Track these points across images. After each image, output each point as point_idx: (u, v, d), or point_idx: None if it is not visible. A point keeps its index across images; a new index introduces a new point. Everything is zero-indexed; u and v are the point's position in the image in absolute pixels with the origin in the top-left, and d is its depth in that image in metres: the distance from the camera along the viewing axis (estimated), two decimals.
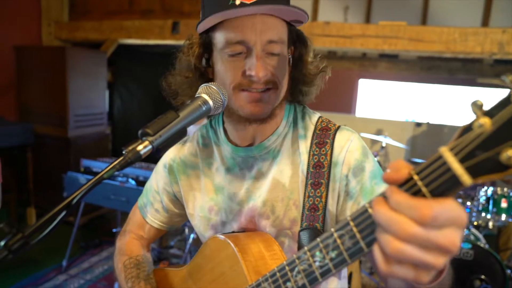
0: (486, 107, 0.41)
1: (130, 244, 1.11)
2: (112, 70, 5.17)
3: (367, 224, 0.52)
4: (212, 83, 0.83)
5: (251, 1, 0.79)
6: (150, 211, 1.12)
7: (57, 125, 4.30)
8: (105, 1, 4.81)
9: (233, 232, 0.97)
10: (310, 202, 0.88)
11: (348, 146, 0.89)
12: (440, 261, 0.44)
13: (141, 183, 3.14)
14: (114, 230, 3.69)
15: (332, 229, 0.58)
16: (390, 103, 6.26)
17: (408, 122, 5.82)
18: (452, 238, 0.43)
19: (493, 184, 3.92)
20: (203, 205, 1.02)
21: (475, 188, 3.83)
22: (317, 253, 0.60)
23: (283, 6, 0.81)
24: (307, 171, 0.90)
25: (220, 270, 0.87)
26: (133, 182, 3.15)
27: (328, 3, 6.79)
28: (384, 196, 0.48)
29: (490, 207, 3.36)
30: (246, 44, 0.83)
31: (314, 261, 0.60)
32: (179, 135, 0.73)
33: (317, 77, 0.95)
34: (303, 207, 0.89)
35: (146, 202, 1.13)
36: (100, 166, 3.36)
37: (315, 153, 0.91)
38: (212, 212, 1.01)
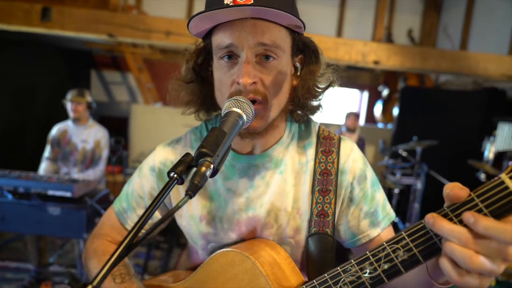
0: None
1: (108, 246, 1.01)
2: None
3: (424, 239, 0.61)
4: (239, 96, 0.79)
5: (243, 4, 0.75)
6: (131, 217, 1.02)
7: None
8: None
9: (235, 243, 0.95)
10: (319, 208, 0.91)
11: (353, 156, 0.94)
12: (502, 269, 0.54)
13: (21, 195, 2.69)
14: None
15: (384, 244, 0.65)
16: None
17: None
18: None
19: None
20: (194, 213, 0.97)
21: None
22: (367, 265, 0.67)
23: (272, 10, 0.74)
24: (314, 178, 0.92)
25: (235, 284, 0.86)
26: (9, 195, 2.68)
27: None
28: (449, 213, 0.58)
29: None
30: (235, 48, 0.80)
31: (364, 273, 0.67)
32: (228, 151, 0.70)
33: (324, 91, 0.93)
34: (311, 213, 0.91)
35: (126, 208, 1.03)
36: None
37: (322, 160, 0.93)
38: (204, 221, 0.96)
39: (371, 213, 0.94)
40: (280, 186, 0.94)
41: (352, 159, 0.95)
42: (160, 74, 7.29)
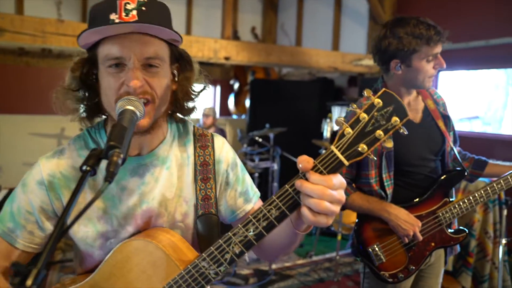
0: (348, 121, 0.81)
1: None
2: None
3: (288, 198, 0.84)
4: (130, 95, 0.89)
5: (128, 20, 0.88)
6: (21, 235, 1.00)
7: None
8: None
9: (133, 235, 1.03)
10: (203, 194, 1.09)
11: (225, 148, 1.15)
12: (338, 209, 0.81)
13: None
14: None
15: (262, 207, 0.86)
16: None
17: None
18: (343, 194, 0.81)
19: None
20: (90, 216, 1.02)
21: None
22: (250, 226, 0.87)
23: (156, 26, 0.89)
24: (195, 169, 1.10)
25: (141, 268, 0.96)
26: None
27: None
28: (302, 177, 0.81)
29: None
30: (123, 59, 0.90)
31: (249, 232, 0.88)
32: (130, 143, 0.79)
33: (199, 93, 1.10)
34: (197, 198, 1.09)
35: (13, 227, 1.00)
36: None
37: (200, 154, 1.11)
38: (101, 220, 1.02)
39: (244, 192, 1.16)
40: (168, 179, 1.08)
41: (225, 151, 1.16)
42: None
